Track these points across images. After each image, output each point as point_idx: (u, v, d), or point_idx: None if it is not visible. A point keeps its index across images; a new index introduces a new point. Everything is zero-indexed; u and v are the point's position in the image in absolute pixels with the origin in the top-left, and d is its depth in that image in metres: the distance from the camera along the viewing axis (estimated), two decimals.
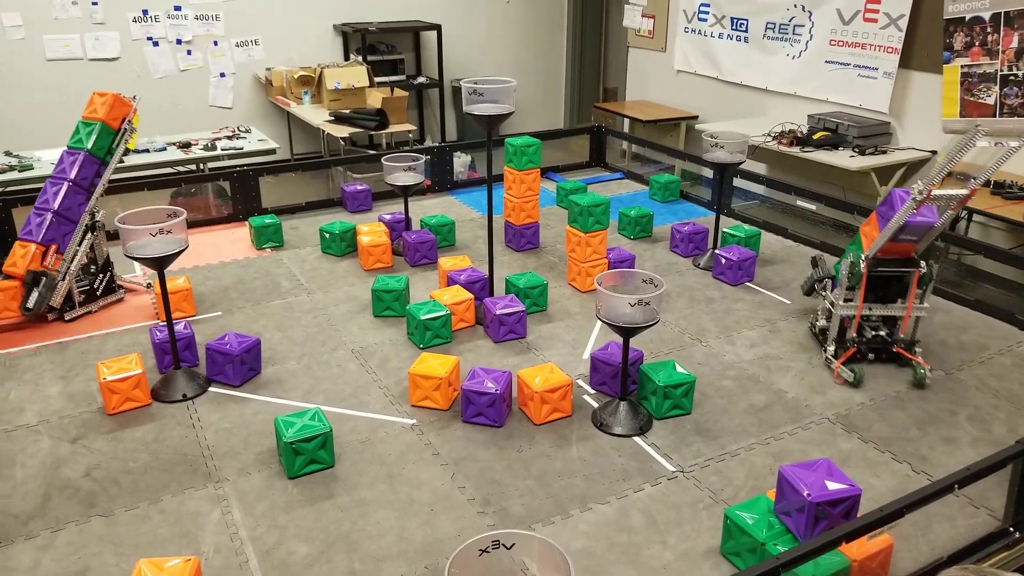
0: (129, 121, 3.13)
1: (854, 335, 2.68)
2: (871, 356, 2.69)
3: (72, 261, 3.01)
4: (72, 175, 3.03)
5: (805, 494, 1.74)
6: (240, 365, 2.55)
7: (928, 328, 2.95)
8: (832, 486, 1.76)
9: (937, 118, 5.32)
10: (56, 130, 7.14)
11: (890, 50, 5.50)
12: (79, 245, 3.04)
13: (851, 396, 2.53)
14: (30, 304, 2.90)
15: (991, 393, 2.55)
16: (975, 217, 5.07)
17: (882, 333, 2.70)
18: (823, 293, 2.82)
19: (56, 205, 2.99)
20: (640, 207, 3.88)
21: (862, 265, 2.62)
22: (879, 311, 2.68)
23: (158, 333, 2.60)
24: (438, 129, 9.00)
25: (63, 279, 2.97)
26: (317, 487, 2.10)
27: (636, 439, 2.30)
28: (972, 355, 2.78)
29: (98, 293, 3.12)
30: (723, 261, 3.37)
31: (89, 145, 3.05)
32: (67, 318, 3.01)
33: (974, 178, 2.58)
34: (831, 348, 2.71)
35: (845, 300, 2.68)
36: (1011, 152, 2.48)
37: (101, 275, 3.13)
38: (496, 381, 2.35)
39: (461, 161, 6.47)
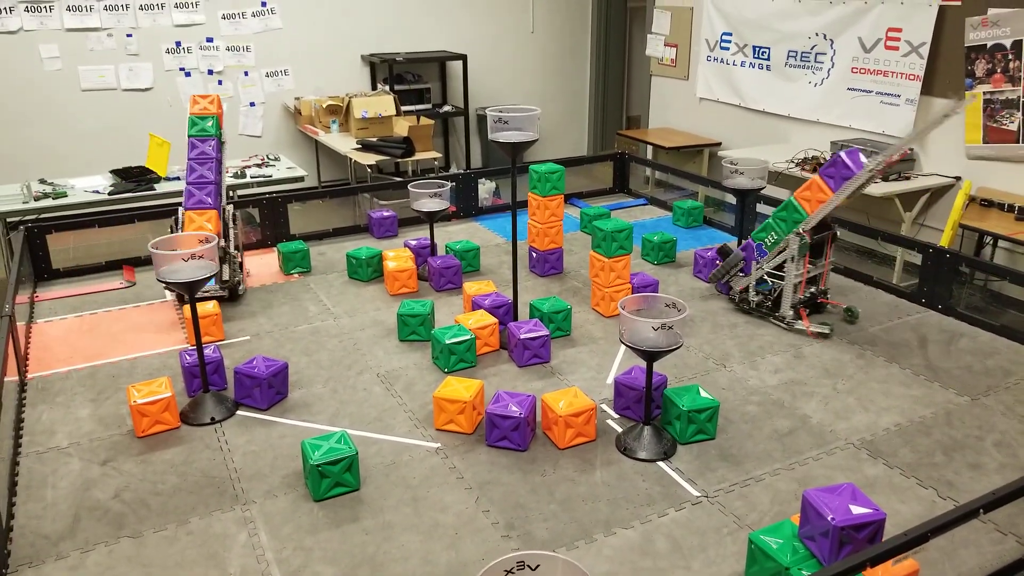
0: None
1: (800, 296, 3.12)
2: (807, 311, 3.17)
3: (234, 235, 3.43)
4: (216, 155, 3.41)
5: (829, 518, 1.73)
6: (268, 389, 2.58)
7: (953, 354, 2.94)
8: (856, 510, 1.75)
9: (960, 144, 5.31)
10: (90, 158, 7.32)
11: (912, 77, 5.51)
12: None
13: (876, 421, 2.51)
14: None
15: (1017, 419, 2.53)
16: (1000, 243, 5.04)
17: (812, 290, 3.17)
18: (740, 274, 3.27)
19: (215, 177, 3.35)
20: (663, 233, 3.90)
21: (807, 236, 3.03)
22: (813, 272, 3.14)
23: (188, 357, 2.65)
24: (463, 156, 9.10)
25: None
26: (343, 510, 2.12)
27: (660, 464, 2.30)
28: (998, 380, 2.76)
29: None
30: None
31: (217, 132, 3.46)
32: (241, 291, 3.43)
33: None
34: (789, 312, 3.10)
35: (777, 268, 3.13)
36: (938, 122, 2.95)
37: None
38: (520, 405, 2.37)
39: (486, 188, 6.54)
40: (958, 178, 5.31)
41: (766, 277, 3.19)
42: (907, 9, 5.44)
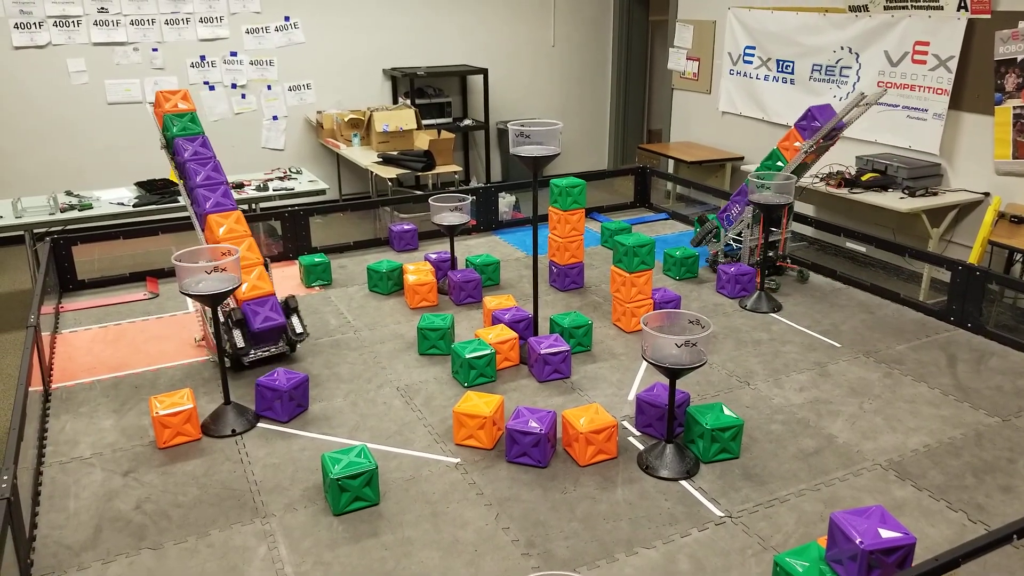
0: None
1: (757, 258, 3.62)
2: (767, 272, 3.65)
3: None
4: (212, 152, 3.13)
5: (858, 542, 1.70)
6: (288, 401, 2.58)
7: (983, 373, 2.89)
8: (886, 534, 1.72)
9: (989, 160, 5.25)
10: (115, 171, 7.41)
11: (940, 91, 5.46)
12: None
13: (904, 442, 2.47)
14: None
15: None
16: None
17: (771, 254, 3.69)
18: (715, 240, 3.83)
19: (223, 176, 3.10)
20: (685, 248, 3.87)
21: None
22: (774, 237, 3.69)
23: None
24: (483, 170, 9.12)
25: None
26: (362, 524, 2.11)
27: (683, 483, 2.27)
28: None
29: None
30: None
31: (201, 128, 3.15)
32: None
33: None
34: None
35: (739, 234, 3.73)
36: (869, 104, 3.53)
37: None
38: (541, 421, 2.35)
39: (506, 201, 6.53)
40: (987, 194, 5.25)
41: (731, 242, 3.79)
42: (935, 22, 5.40)
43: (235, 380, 2.86)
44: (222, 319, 2.83)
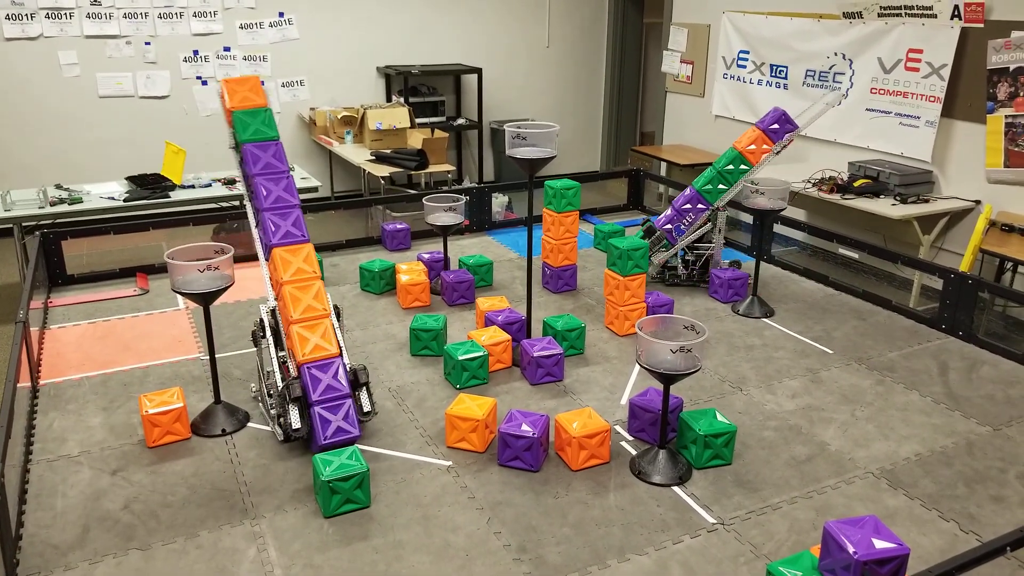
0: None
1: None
2: None
3: None
4: (287, 167, 2.60)
5: (851, 552, 1.69)
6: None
7: (975, 382, 2.89)
8: (880, 544, 1.72)
9: (981, 168, 5.27)
10: (106, 165, 7.36)
11: (932, 99, 5.48)
12: None
13: (896, 450, 2.47)
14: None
15: None
16: (1021, 269, 4.99)
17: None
18: (662, 250, 3.65)
19: (297, 200, 2.55)
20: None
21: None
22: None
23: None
24: (476, 170, 9.10)
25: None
26: (352, 527, 2.09)
27: (675, 489, 2.26)
28: (1021, 410, 2.71)
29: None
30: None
31: (277, 133, 2.62)
32: None
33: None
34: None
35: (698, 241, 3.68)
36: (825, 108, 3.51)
37: None
38: (533, 425, 2.34)
39: (499, 202, 6.53)
40: (978, 202, 5.27)
41: (686, 250, 3.70)
42: (928, 30, 5.42)
43: (226, 379, 2.84)
44: (279, 389, 2.40)
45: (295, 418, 2.32)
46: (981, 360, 3.07)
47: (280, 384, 2.38)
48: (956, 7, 5.20)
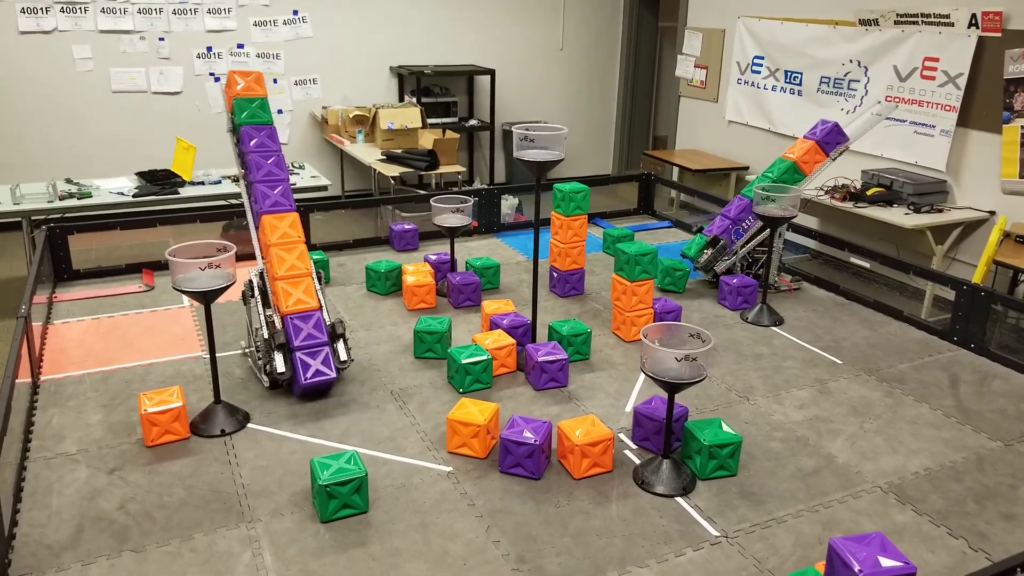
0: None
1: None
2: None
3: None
4: (278, 147, 2.89)
5: (856, 570, 1.66)
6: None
7: (986, 396, 2.84)
8: (885, 563, 1.68)
9: (996, 178, 5.21)
10: (116, 160, 7.36)
11: (948, 108, 5.42)
12: None
13: (904, 464, 2.43)
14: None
15: None
16: None
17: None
18: (727, 258, 3.70)
19: (285, 174, 2.86)
20: (677, 259, 3.82)
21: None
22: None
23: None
24: (487, 171, 9.07)
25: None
26: (350, 533, 2.06)
27: (679, 500, 2.23)
28: None
29: None
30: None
31: (271, 118, 2.92)
32: None
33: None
34: (775, 279, 3.73)
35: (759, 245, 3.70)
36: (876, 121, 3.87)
37: None
38: (536, 431, 2.31)
39: (508, 204, 6.50)
40: (992, 212, 5.21)
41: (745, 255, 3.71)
42: (945, 39, 5.36)
43: (227, 379, 2.82)
44: (264, 338, 2.67)
45: (280, 363, 2.61)
46: (993, 374, 3.02)
47: (267, 336, 2.66)
48: (973, 16, 5.14)
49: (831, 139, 3.60)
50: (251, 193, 2.86)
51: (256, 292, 2.77)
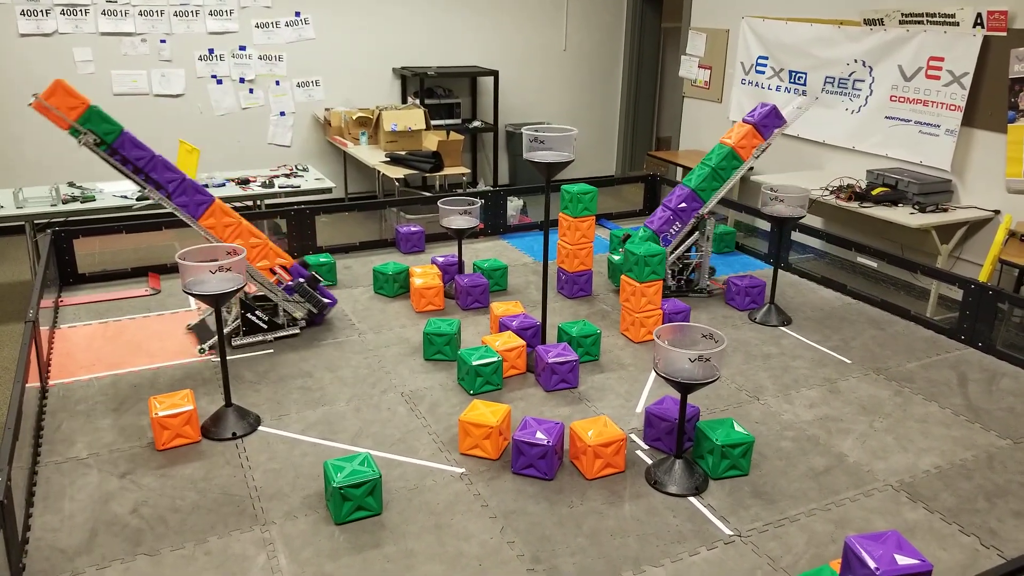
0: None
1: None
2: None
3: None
4: (148, 148, 2.86)
5: (873, 567, 1.65)
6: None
7: (995, 394, 2.84)
8: (902, 560, 1.67)
9: (1001, 177, 5.21)
10: None
11: (953, 107, 5.42)
12: None
13: (915, 462, 2.42)
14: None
15: None
16: None
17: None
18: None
19: (174, 169, 2.89)
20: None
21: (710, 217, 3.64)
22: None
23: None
24: (491, 172, 9.07)
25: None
26: (364, 535, 2.06)
27: (692, 499, 2.22)
28: None
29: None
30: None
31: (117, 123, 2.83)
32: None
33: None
34: (707, 283, 3.66)
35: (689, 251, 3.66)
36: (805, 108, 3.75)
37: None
38: (548, 432, 2.30)
39: (514, 205, 6.50)
40: (997, 212, 5.20)
41: (675, 262, 3.63)
42: (950, 38, 5.36)
43: (237, 382, 2.82)
44: (286, 296, 3.12)
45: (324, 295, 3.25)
46: (1001, 372, 3.01)
47: (282, 293, 3.12)
48: (979, 15, 5.14)
49: (769, 122, 3.52)
50: (170, 197, 2.90)
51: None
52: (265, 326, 3.12)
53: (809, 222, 3.83)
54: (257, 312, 3.11)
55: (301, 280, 3.14)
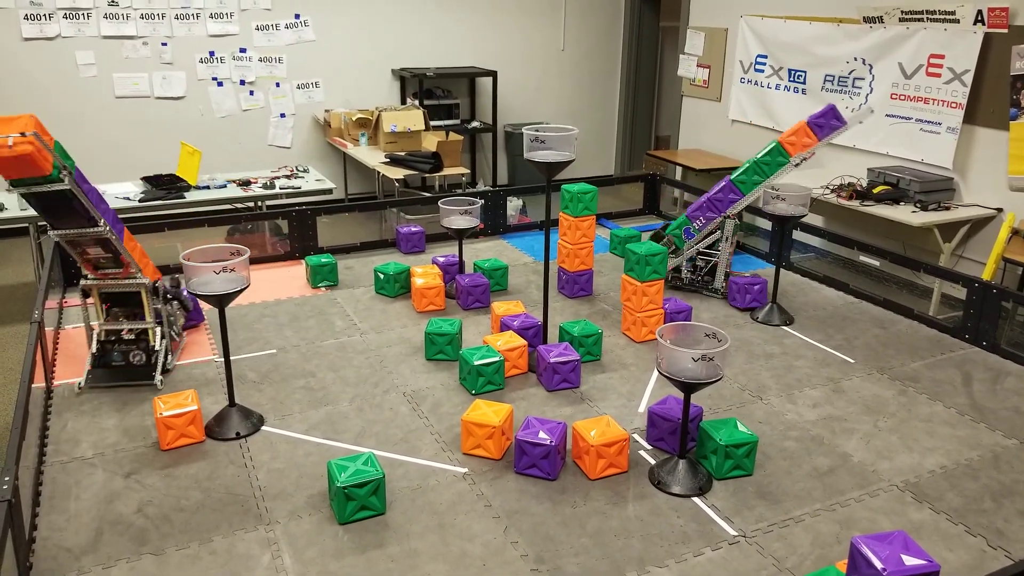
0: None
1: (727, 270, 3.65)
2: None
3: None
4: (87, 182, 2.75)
5: (880, 568, 1.65)
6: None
7: (1000, 393, 2.84)
8: (909, 561, 1.67)
9: (1003, 175, 5.21)
10: (121, 165, 7.36)
11: (954, 105, 5.41)
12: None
13: (920, 462, 2.42)
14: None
15: None
16: None
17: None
18: (672, 255, 3.63)
19: (103, 202, 2.80)
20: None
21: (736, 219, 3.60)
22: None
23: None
24: (490, 173, 9.07)
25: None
26: (367, 534, 2.06)
27: (695, 500, 2.22)
28: None
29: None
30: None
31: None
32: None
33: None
34: (723, 284, 3.62)
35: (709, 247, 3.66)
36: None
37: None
38: (551, 432, 2.30)
39: (513, 205, 6.49)
40: (1000, 209, 5.20)
41: (696, 256, 3.66)
42: (951, 36, 5.35)
43: (240, 382, 2.82)
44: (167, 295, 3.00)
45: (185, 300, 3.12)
46: (1006, 371, 3.01)
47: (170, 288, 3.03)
48: (980, 12, 5.13)
49: (824, 121, 3.39)
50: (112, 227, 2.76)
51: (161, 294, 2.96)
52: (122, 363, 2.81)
53: (810, 221, 3.82)
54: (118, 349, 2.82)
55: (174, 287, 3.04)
